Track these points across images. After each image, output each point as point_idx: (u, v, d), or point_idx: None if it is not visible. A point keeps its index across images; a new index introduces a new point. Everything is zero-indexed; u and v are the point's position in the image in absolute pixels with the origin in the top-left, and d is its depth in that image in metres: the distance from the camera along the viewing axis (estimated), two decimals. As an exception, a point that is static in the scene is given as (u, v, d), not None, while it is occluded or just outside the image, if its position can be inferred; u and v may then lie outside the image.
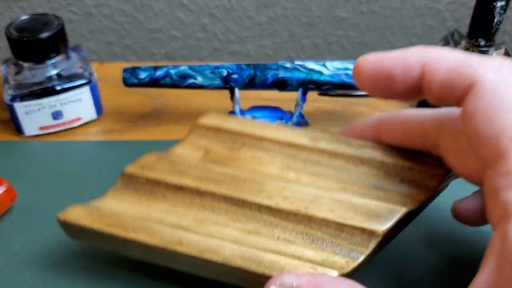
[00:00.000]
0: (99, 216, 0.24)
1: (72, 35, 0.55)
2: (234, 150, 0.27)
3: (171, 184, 0.25)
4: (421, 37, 0.56)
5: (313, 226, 0.23)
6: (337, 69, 0.35)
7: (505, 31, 0.56)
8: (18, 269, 0.28)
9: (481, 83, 0.19)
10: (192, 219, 0.24)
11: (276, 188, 0.24)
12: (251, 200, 0.24)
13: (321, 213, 0.23)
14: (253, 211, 0.24)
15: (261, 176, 0.25)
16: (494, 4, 0.34)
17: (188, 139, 0.28)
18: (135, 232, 0.23)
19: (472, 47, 0.36)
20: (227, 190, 0.25)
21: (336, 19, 0.54)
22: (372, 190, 0.25)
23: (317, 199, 0.24)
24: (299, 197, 0.24)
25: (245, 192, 0.25)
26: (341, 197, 0.24)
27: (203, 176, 0.25)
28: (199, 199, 0.25)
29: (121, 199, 0.26)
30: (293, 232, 0.23)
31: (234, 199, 0.24)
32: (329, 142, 0.26)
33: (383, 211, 0.23)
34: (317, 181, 0.25)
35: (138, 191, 0.26)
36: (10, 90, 0.36)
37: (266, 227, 0.24)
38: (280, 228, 0.24)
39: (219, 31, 0.55)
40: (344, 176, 0.25)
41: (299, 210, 0.23)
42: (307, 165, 0.26)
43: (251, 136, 0.27)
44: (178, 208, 0.25)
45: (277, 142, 0.27)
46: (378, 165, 0.25)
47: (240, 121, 0.28)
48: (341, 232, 0.23)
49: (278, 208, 0.24)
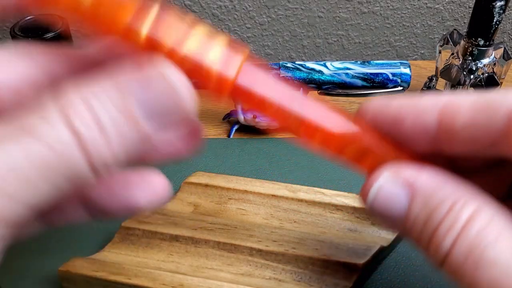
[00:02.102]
0: (101, 266, 0.26)
1: (76, 36, 0.55)
2: (221, 204, 0.30)
3: (166, 235, 0.27)
4: (421, 36, 0.57)
5: (300, 265, 0.26)
6: (338, 68, 0.35)
7: (504, 30, 0.56)
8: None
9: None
10: (189, 266, 0.26)
11: (264, 233, 0.27)
12: (243, 244, 0.26)
13: (307, 252, 0.26)
14: (245, 255, 0.26)
15: (249, 224, 0.28)
16: (493, 4, 0.34)
17: (178, 196, 0.31)
18: (137, 278, 0.25)
19: (471, 46, 0.37)
20: (219, 237, 0.27)
21: (337, 19, 0.55)
22: (348, 232, 0.28)
23: (302, 241, 0.26)
24: (286, 240, 0.26)
25: (236, 238, 0.27)
26: (323, 238, 0.27)
27: (196, 225, 0.28)
28: (194, 247, 0.27)
29: (119, 252, 0.27)
30: (282, 271, 0.26)
31: (227, 245, 0.27)
32: (307, 192, 0.30)
33: (361, 248, 0.26)
34: (299, 227, 0.28)
35: (135, 244, 0.27)
36: (15, 89, 0.36)
37: (258, 269, 0.26)
38: (271, 268, 0.26)
39: (221, 31, 0.55)
40: (322, 221, 0.29)
41: (288, 251, 0.26)
42: (288, 213, 0.29)
43: (236, 190, 0.30)
44: (174, 257, 0.27)
45: (260, 195, 0.30)
46: (351, 210, 0.29)
47: (225, 177, 0.31)
48: (326, 269, 0.25)
49: (268, 250, 0.26)
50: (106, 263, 0.26)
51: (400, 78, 0.35)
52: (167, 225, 0.28)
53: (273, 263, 0.26)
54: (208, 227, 0.27)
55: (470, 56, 0.37)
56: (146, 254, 0.27)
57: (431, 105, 0.18)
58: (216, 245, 0.27)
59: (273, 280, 0.25)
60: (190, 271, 0.26)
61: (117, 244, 0.28)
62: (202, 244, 0.27)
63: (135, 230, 0.28)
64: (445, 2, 0.54)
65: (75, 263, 0.26)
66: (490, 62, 0.37)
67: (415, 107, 0.19)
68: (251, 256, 0.26)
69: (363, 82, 0.35)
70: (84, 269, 0.25)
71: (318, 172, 0.34)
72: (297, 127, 0.17)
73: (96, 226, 0.29)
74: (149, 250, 0.27)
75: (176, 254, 0.27)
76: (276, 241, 0.27)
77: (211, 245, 0.27)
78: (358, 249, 0.26)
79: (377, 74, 0.35)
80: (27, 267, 0.28)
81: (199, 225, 0.28)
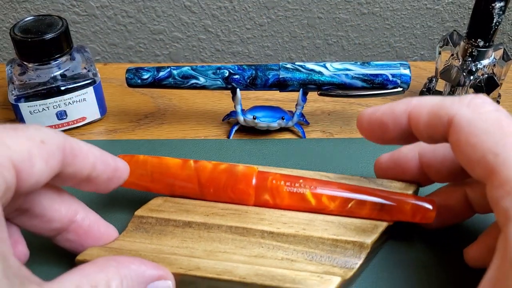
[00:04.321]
0: (118, 253, 0.26)
1: (76, 36, 0.55)
2: None
3: (179, 222, 0.28)
4: (421, 37, 0.57)
5: (311, 245, 0.27)
6: (337, 69, 0.35)
7: (504, 31, 0.56)
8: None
9: (458, 117, 0.22)
10: (202, 251, 0.27)
11: (274, 216, 0.28)
12: (254, 227, 0.27)
13: (317, 232, 0.27)
14: (256, 238, 0.27)
15: (259, 208, 0.28)
16: (493, 5, 0.34)
17: None
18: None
19: (471, 47, 0.37)
20: (231, 221, 0.27)
21: (337, 20, 0.55)
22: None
23: (311, 222, 0.27)
24: (296, 222, 0.27)
25: (247, 222, 0.27)
26: (331, 219, 0.27)
27: (208, 211, 0.28)
28: (207, 232, 0.27)
29: (133, 240, 0.28)
30: (294, 252, 0.26)
31: (239, 229, 0.27)
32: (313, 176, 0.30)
33: (369, 227, 0.27)
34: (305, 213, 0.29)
35: (149, 232, 0.28)
36: (15, 90, 0.36)
37: (270, 251, 0.27)
38: (282, 250, 0.27)
39: (221, 32, 0.55)
40: None
41: (298, 232, 0.27)
42: None
43: None
44: (188, 243, 0.27)
45: None
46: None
47: None
48: (336, 247, 0.26)
49: (279, 232, 0.27)
50: (122, 250, 0.26)
51: (400, 79, 0.35)
52: (180, 212, 0.28)
53: (285, 244, 0.27)
54: (219, 212, 0.28)
55: (470, 57, 0.37)
56: (160, 241, 0.27)
57: (403, 111, 0.25)
58: (229, 229, 0.27)
59: (285, 260, 0.26)
60: (204, 255, 0.26)
61: (131, 232, 0.28)
62: (215, 229, 0.27)
63: (148, 218, 0.28)
64: (445, 3, 0.54)
65: (93, 251, 0.26)
66: (489, 63, 0.37)
67: (392, 113, 0.25)
68: (262, 238, 0.27)
69: (363, 83, 0.35)
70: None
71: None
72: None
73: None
74: (163, 237, 0.28)
75: (189, 240, 0.27)
76: (286, 223, 0.27)
77: (224, 229, 0.27)
78: (365, 228, 0.27)
79: (377, 75, 0.35)
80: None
81: (211, 211, 0.28)
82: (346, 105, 0.42)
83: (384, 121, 0.25)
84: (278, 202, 0.28)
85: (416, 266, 0.28)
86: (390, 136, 0.26)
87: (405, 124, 0.25)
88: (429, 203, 0.27)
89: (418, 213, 0.26)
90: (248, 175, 0.28)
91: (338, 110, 0.41)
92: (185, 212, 0.28)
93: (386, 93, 0.35)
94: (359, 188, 0.28)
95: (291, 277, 0.24)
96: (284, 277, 0.24)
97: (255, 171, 0.28)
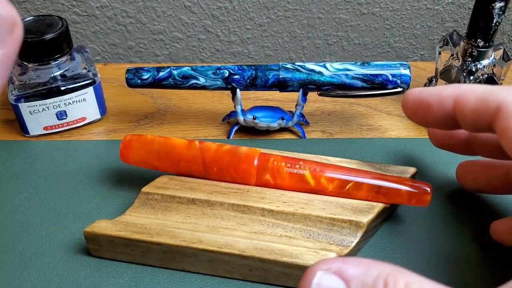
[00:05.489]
0: (124, 226, 0.27)
1: (76, 36, 0.55)
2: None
3: (184, 199, 0.29)
4: (421, 38, 0.57)
5: (309, 224, 0.28)
6: (337, 70, 0.35)
7: (503, 31, 0.56)
8: (23, 267, 0.28)
9: (507, 105, 0.22)
10: (205, 226, 0.28)
11: (275, 195, 0.29)
12: (255, 205, 0.28)
13: (315, 211, 0.28)
14: (257, 215, 0.28)
15: (260, 187, 0.30)
16: (493, 5, 0.34)
17: None
18: (159, 236, 0.27)
19: (471, 47, 0.37)
20: (233, 199, 0.29)
21: (337, 21, 0.55)
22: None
23: (310, 202, 0.28)
24: (295, 201, 0.28)
25: (249, 200, 0.29)
26: (329, 199, 0.29)
27: (211, 190, 0.29)
28: (210, 209, 0.29)
29: (139, 215, 0.29)
30: (293, 229, 0.28)
31: (240, 206, 0.28)
32: (314, 159, 0.31)
33: (365, 207, 0.28)
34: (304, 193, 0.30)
35: (154, 208, 0.29)
36: (14, 90, 0.36)
37: (270, 228, 0.28)
38: (282, 227, 0.28)
39: (221, 32, 0.55)
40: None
41: (297, 210, 0.28)
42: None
43: None
44: (191, 219, 0.28)
45: None
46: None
47: None
48: (333, 226, 0.27)
49: (278, 210, 0.28)
50: (128, 224, 0.27)
51: (400, 79, 0.35)
52: (184, 190, 0.30)
53: (284, 222, 0.28)
54: (222, 191, 0.29)
55: (470, 57, 0.37)
56: (165, 217, 0.29)
57: (449, 94, 0.25)
58: (231, 207, 0.29)
59: (284, 237, 0.27)
60: (207, 230, 0.27)
61: (137, 208, 0.29)
62: (217, 206, 0.29)
63: (154, 195, 0.29)
64: (444, 3, 0.54)
65: (100, 224, 0.27)
66: (489, 63, 0.37)
67: (438, 95, 0.25)
68: (263, 216, 0.28)
69: (363, 83, 0.35)
70: (108, 230, 0.27)
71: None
72: None
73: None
74: (167, 213, 0.29)
75: (193, 216, 0.29)
76: (286, 202, 0.28)
77: (226, 207, 0.29)
78: (362, 208, 0.28)
79: (377, 75, 0.35)
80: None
81: (214, 189, 0.29)
82: (346, 105, 0.42)
83: (430, 102, 0.25)
84: (278, 182, 0.29)
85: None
86: (432, 118, 0.26)
87: (449, 108, 0.25)
88: (425, 186, 0.28)
89: (414, 196, 0.28)
90: (250, 156, 0.29)
91: (338, 110, 0.41)
92: (190, 190, 0.29)
93: (386, 93, 0.35)
94: (357, 171, 0.29)
95: (289, 252, 0.25)
96: (282, 252, 0.25)
97: (257, 152, 0.29)
